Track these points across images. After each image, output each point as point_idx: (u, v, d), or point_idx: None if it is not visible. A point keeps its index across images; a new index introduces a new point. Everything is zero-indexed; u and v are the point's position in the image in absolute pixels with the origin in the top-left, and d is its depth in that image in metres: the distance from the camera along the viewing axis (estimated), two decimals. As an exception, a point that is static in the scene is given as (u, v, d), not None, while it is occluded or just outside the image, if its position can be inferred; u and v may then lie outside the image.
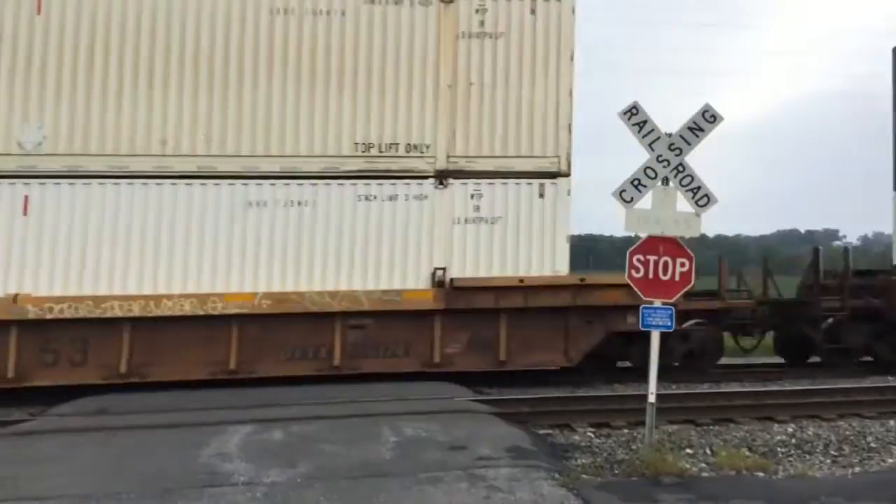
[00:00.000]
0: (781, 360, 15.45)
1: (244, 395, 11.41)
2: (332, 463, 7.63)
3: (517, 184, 12.83)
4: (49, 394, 11.80)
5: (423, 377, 12.93)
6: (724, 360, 14.34)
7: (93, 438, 8.92)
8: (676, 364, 13.42)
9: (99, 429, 9.36)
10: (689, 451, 8.77)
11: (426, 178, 12.73)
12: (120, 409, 10.48)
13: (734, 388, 12.46)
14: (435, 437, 8.60)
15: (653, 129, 7.98)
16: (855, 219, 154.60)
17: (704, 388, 12.50)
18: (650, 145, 7.98)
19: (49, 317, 11.72)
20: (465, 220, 12.75)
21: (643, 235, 8.12)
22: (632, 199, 7.98)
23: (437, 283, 12.50)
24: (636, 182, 7.98)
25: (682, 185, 7.96)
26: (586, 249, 40.61)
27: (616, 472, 7.66)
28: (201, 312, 12.03)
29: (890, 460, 8.52)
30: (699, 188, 7.95)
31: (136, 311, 11.92)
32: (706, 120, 7.99)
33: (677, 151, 7.94)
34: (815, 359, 15.08)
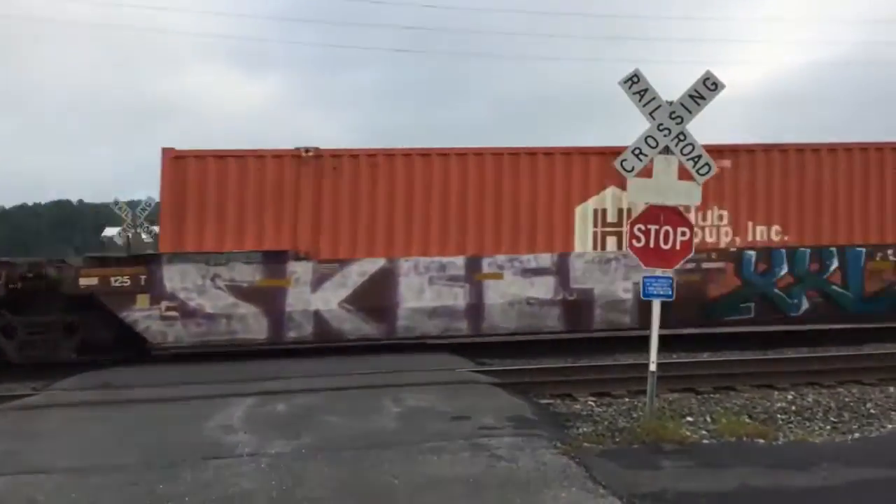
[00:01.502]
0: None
1: (246, 369, 11.47)
2: (335, 434, 7.68)
3: None
4: (51, 368, 11.86)
5: (423, 349, 12.99)
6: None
7: (96, 412, 8.98)
8: None
9: (102, 403, 9.43)
10: (689, 418, 8.81)
11: None
12: (123, 384, 10.53)
13: (734, 356, 12.49)
14: (437, 408, 8.65)
15: (654, 98, 7.90)
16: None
17: (705, 356, 12.55)
18: (651, 114, 7.91)
19: None
20: None
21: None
22: (633, 168, 7.94)
23: None
24: (637, 151, 7.93)
25: (684, 154, 7.91)
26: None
27: (617, 439, 7.70)
28: None
29: (889, 426, 8.57)
30: (700, 157, 7.91)
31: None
32: (707, 87, 7.92)
33: (678, 120, 7.88)
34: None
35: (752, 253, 13.79)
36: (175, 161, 12.52)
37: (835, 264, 13.93)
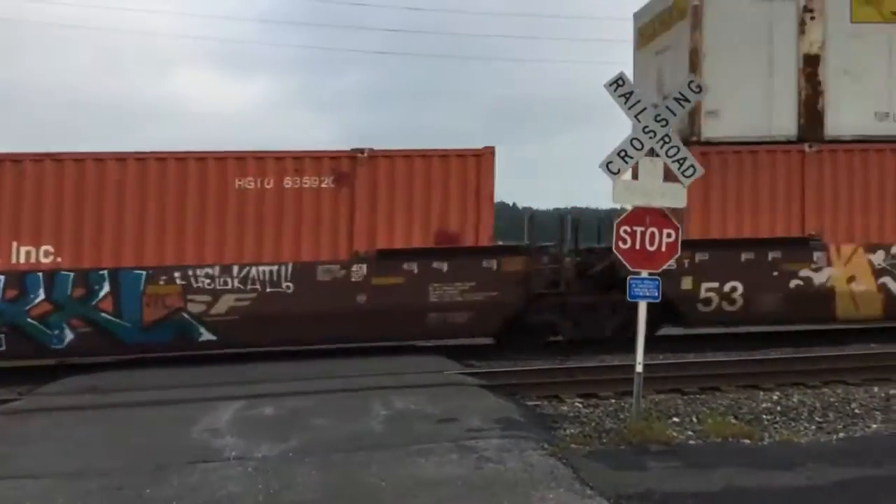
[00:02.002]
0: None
1: (233, 372, 11.44)
2: (323, 437, 7.68)
3: None
4: (35, 373, 11.80)
5: (410, 351, 13.00)
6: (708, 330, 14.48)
7: (83, 416, 8.94)
8: None
9: (89, 407, 9.39)
10: (675, 419, 8.86)
11: None
12: (110, 387, 10.49)
13: (720, 357, 12.56)
14: (425, 410, 8.66)
15: (639, 101, 7.95)
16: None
17: (690, 357, 12.61)
18: (636, 116, 7.96)
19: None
20: None
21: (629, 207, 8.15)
22: (618, 170, 7.97)
23: None
24: (623, 153, 7.97)
25: (669, 156, 7.95)
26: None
27: (604, 440, 7.73)
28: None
29: (874, 426, 8.64)
30: (685, 159, 7.96)
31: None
32: (692, 90, 8.00)
33: (663, 122, 7.93)
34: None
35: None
36: None
37: (106, 289, 12.07)
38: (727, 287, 13.49)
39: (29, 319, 11.88)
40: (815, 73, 13.96)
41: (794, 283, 13.67)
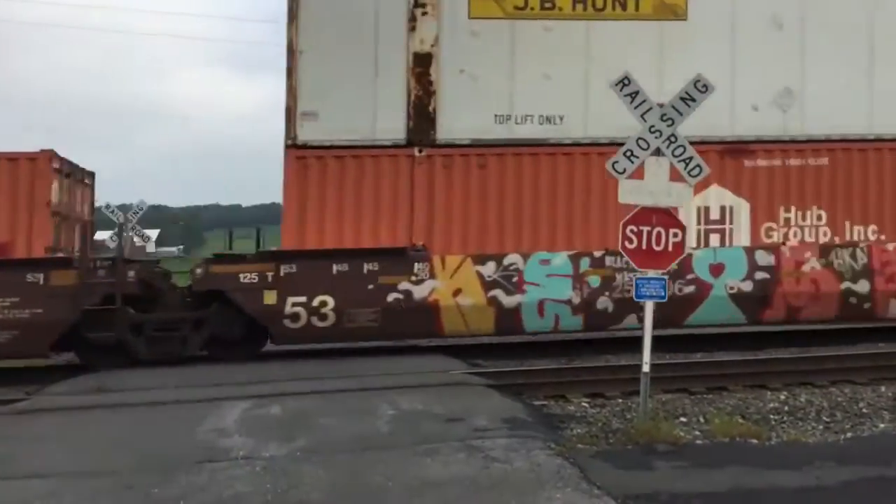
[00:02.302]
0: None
1: (238, 372, 11.45)
2: (330, 436, 7.68)
3: None
4: (43, 372, 11.84)
5: (415, 351, 13.01)
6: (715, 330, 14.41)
7: (90, 416, 8.97)
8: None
9: (96, 406, 9.41)
10: (682, 419, 8.85)
11: None
12: (116, 387, 10.50)
13: (727, 356, 12.53)
14: (431, 410, 8.66)
15: (645, 100, 7.94)
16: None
17: (698, 357, 12.59)
18: (642, 116, 7.94)
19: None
20: None
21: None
22: (624, 170, 7.97)
23: None
24: (629, 153, 7.96)
25: (675, 156, 7.94)
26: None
27: (611, 440, 7.73)
28: None
29: (881, 425, 8.62)
30: (691, 158, 7.94)
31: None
32: (698, 90, 7.97)
33: (669, 122, 7.91)
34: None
35: None
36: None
37: None
38: (316, 301, 12.49)
39: None
40: (427, 72, 13.10)
41: (392, 296, 12.69)
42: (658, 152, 7.94)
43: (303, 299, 12.47)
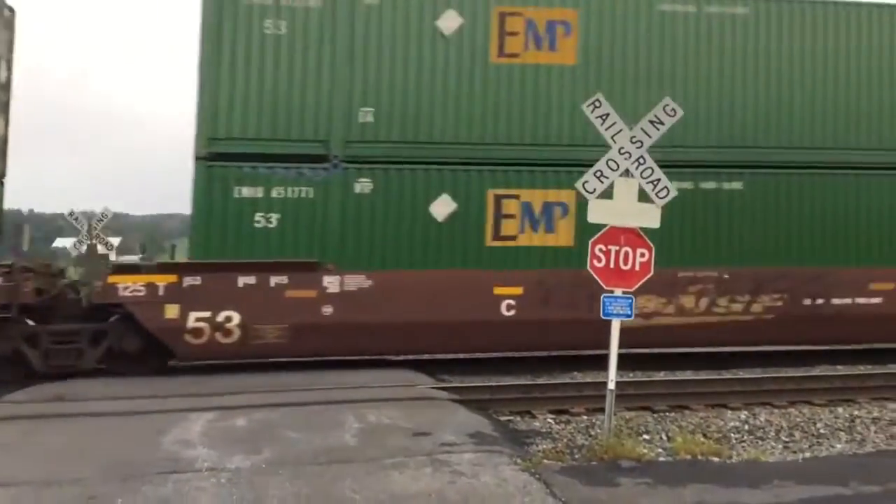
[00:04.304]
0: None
1: (205, 383, 11.36)
2: (296, 449, 7.67)
3: None
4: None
5: (382, 364, 13.00)
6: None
7: (51, 425, 8.83)
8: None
9: (57, 415, 9.27)
10: (646, 436, 8.98)
11: None
12: (77, 397, 10.37)
13: (689, 375, 12.71)
14: (398, 424, 8.68)
15: (615, 122, 8.08)
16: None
17: (660, 375, 12.74)
18: (612, 137, 8.09)
19: None
20: None
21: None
22: (594, 190, 8.09)
23: None
24: (598, 173, 8.09)
25: (643, 178, 8.08)
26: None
27: (576, 456, 7.81)
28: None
29: (838, 446, 8.83)
30: (659, 180, 8.10)
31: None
32: (667, 114, 8.14)
33: (638, 144, 8.07)
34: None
35: None
36: None
37: None
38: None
39: None
40: None
41: None
42: (627, 173, 8.08)
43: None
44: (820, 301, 13.70)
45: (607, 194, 8.13)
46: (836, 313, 13.74)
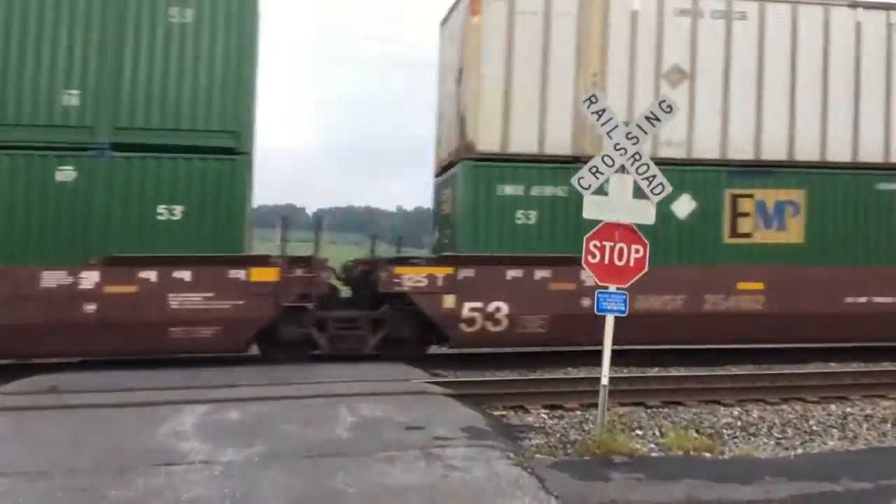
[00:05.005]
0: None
1: (198, 376, 11.35)
2: (289, 442, 7.67)
3: None
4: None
5: (379, 359, 13.01)
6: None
7: (45, 416, 8.83)
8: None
9: (51, 407, 9.27)
10: (639, 432, 9.01)
11: None
12: (71, 388, 10.35)
13: (682, 371, 12.74)
14: (392, 418, 8.69)
15: (611, 118, 8.08)
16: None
17: (654, 371, 12.78)
18: (608, 133, 8.09)
19: None
20: None
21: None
22: (589, 186, 8.08)
23: None
24: (594, 169, 8.08)
25: (639, 174, 8.07)
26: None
27: (569, 451, 7.84)
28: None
29: (830, 443, 8.87)
30: (654, 177, 8.08)
31: None
32: (662, 110, 8.14)
33: (634, 140, 8.05)
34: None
35: None
36: None
37: None
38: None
39: None
40: None
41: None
42: (623, 170, 8.08)
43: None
44: None
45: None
46: None
